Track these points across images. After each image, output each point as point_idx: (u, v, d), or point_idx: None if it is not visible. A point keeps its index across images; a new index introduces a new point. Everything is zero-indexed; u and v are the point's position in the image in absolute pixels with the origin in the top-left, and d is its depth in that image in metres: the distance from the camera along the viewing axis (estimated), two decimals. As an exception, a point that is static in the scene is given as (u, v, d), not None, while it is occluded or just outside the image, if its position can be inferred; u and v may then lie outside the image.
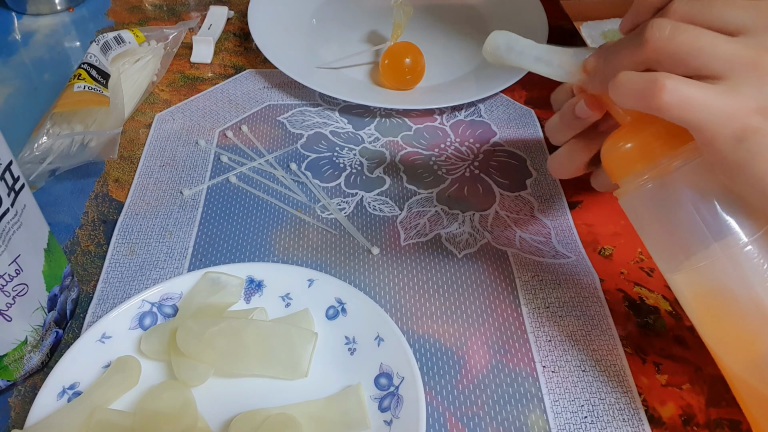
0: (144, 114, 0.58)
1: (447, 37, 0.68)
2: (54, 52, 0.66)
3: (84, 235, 0.48)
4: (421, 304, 0.44)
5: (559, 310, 0.44)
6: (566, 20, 0.73)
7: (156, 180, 0.52)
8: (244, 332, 0.38)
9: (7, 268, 0.35)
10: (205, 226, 0.49)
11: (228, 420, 0.37)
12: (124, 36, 0.60)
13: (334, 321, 0.41)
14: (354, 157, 0.55)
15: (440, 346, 0.42)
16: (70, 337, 0.42)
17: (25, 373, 0.39)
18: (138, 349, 0.39)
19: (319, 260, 0.47)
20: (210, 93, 0.61)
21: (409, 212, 0.50)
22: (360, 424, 0.36)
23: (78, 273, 0.45)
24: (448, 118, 0.59)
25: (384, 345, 0.39)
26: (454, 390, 0.40)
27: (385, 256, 0.47)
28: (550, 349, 0.42)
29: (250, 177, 0.53)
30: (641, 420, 0.38)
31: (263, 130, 0.57)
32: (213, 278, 0.41)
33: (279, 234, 0.48)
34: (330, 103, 0.60)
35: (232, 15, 0.71)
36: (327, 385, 0.38)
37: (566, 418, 0.38)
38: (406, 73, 0.59)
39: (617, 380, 0.40)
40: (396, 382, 0.37)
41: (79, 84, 0.53)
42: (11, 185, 0.35)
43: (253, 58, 0.65)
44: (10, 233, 0.35)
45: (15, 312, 0.37)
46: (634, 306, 0.44)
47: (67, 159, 0.51)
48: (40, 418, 0.35)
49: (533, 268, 0.46)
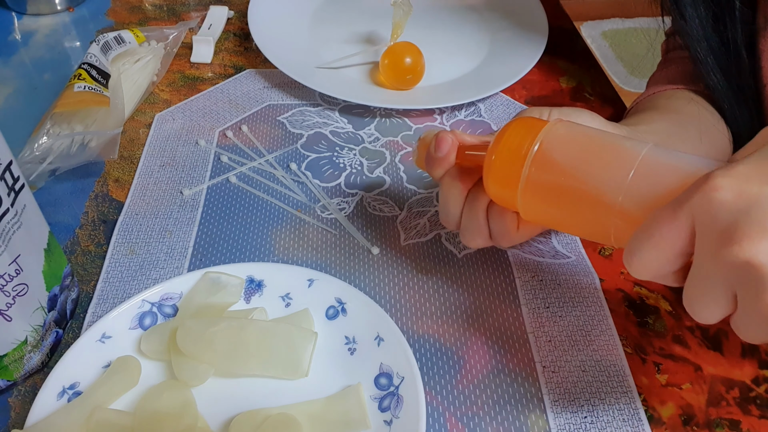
0: (144, 114, 0.58)
1: (447, 37, 0.68)
2: (54, 52, 0.66)
3: (84, 235, 0.48)
4: (421, 304, 0.44)
5: (559, 310, 0.44)
6: (566, 20, 0.73)
7: (156, 180, 0.52)
8: (245, 332, 0.38)
9: (7, 268, 0.35)
10: (205, 226, 0.49)
11: (228, 420, 0.37)
12: (124, 36, 0.60)
13: (334, 321, 0.41)
14: (354, 157, 0.55)
15: (440, 346, 0.42)
16: (70, 337, 0.42)
17: (25, 373, 0.39)
18: (138, 349, 0.39)
19: (319, 260, 0.47)
20: (210, 93, 0.61)
21: (409, 212, 0.50)
22: (360, 424, 0.36)
23: (78, 273, 0.45)
24: (448, 118, 0.59)
25: (384, 345, 0.39)
26: (454, 390, 0.40)
27: (385, 256, 0.47)
28: (550, 349, 0.42)
29: (250, 177, 0.53)
30: (641, 420, 0.38)
31: (263, 130, 0.57)
32: (213, 278, 0.41)
33: (279, 234, 0.48)
34: (330, 103, 0.60)
35: (232, 15, 0.71)
36: (327, 385, 0.38)
37: (566, 418, 0.38)
38: (406, 72, 0.59)
39: (617, 380, 0.40)
40: (396, 382, 0.37)
41: (80, 84, 0.53)
42: (11, 185, 0.35)
43: (253, 58, 0.65)
44: (10, 233, 0.35)
45: (15, 312, 0.37)
46: (634, 306, 0.44)
47: (67, 159, 0.51)
48: (40, 418, 0.35)
49: (533, 268, 0.46)
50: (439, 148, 0.38)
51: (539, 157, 0.34)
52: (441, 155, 0.38)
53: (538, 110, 0.40)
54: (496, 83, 0.60)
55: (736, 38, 0.47)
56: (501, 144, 0.35)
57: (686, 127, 0.47)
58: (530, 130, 0.35)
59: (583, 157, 0.34)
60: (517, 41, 0.66)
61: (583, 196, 0.33)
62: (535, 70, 0.62)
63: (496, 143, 0.36)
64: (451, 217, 0.40)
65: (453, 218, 0.40)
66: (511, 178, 0.35)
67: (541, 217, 0.37)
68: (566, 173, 0.34)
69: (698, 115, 0.48)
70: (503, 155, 0.35)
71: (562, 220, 0.36)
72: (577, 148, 0.34)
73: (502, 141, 0.35)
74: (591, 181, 0.33)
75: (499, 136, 0.36)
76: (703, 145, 0.47)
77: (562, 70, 0.65)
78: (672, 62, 0.56)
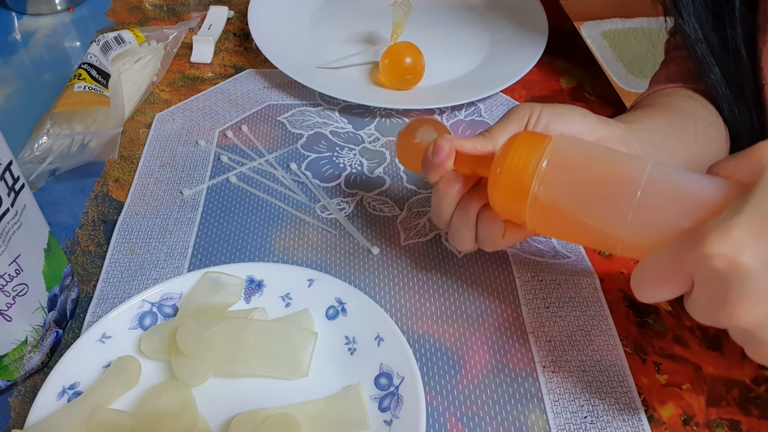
0: (144, 114, 0.58)
1: (447, 37, 0.68)
2: (54, 52, 0.66)
3: (84, 235, 0.48)
4: (421, 304, 0.44)
5: (559, 310, 0.44)
6: (566, 20, 0.73)
7: (156, 180, 0.52)
8: (244, 332, 0.38)
9: (7, 268, 0.35)
10: (205, 226, 0.49)
11: (228, 420, 0.37)
12: (124, 36, 0.60)
13: (334, 321, 0.41)
14: (354, 157, 0.55)
15: (440, 346, 0.42)
16: (70, 337, 0.42)
17: (25, 373, 0.39)
18: (138, 349, 0.39)
19: (319, 260, 0.47)
20: (210, 93, 0.61)
21: (409, 212, 0.50)
22: (360, 424, 0.36)
23: (78, 273, 0.45)
24: (448, 118, 0.59)
25: (384, 345, 0.39)
26: (454, 390, 0.40)
27: (385, 256, 0.47)
28: (550, 349, 0.42)
29: (250, 177, 0.53)
30: (641, 420, 0.38)
31: (263, 130, 0.57)
32: (213, 278, 0.41)
33: (279, 234, 0.48)
34: (330, 103, 0.60)
35: (232, 15, 0.71)
36: (327, 385, 0.38)
37: (566, 418, 0.38)
38: (406, 72, 0.59)
39: (617, 380, 0.40)
40: (396, 382, 0.37)
41: (80, 84, 0.53)
42: (11, 185, 0.35)
43: (253, 58, 0.65)
44: (10, 233, 0.35)
45: (15, 312, 0.37)
46: (634, 306, 0.44)
47: (67, 159, 0.51)
48: (40, 418, 0.35)
49: (533, 268, 0.46)
50: (437, 155, 0.39)
51: (544, 179, 0.35)
52: (438, 161, 0.39)
53: (529, 106, 0.40)
54: (496, 83, 0.60)
55: (736, 38, 0.47)
56: (507, 161, 0.36)
57: (682, 125, 0.47)
58: (535, 146, 0.36)
59: (582, 192, 0.35)
60: (517, 41, 0.66)
61: (586, 226, 0.35)
62: (535, 70, 0.62)
63: (502, 158, 0.36)
64: (442, 218, 0.41)
65: (444, 220, 0.41)
66: (517, 194, 0.36)
67: (546, 231, 0.38)
68: (569, 201, 0.35)
69: (695, 113, 0.48)
70: (510, 173, 0.36)
71: (568, 235, 0.37)
72: (577, 178, 0.35)
73: (509, 157, 0.36)
74: (592, 217, 0.34)
75: (504, 153, 0.36)
76: (698, 144, 0.47)
77: (562, 70, 0.65)
78: (673, 61, 0.56)
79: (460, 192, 0.40)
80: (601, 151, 0.36)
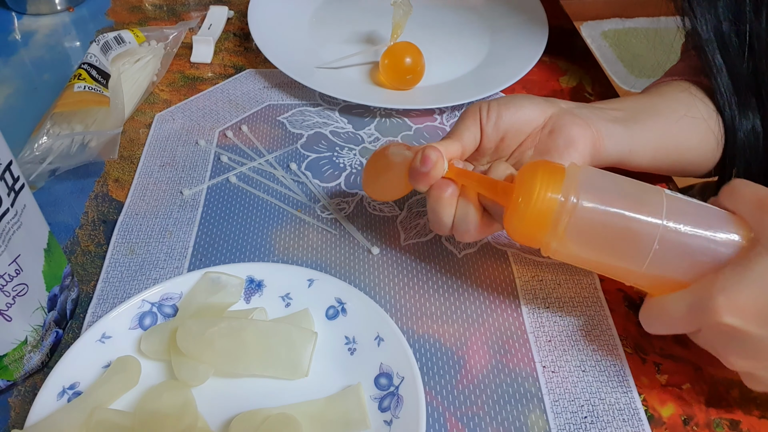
0: (144, 114, 0.58)
1: (447, 37, 0.68)
2: (54, 52, 0.66)
3: (84, 235, 0.48)
4: (421, 304, 0.44)
5: (559, 310, 0.44)
6: (566, 20, 0.73)
7: (156, 180, 0.52)
8: (244, 332, 0.38)
9: (7, 268, 0.35)
10: (205, 226, 0.49)
11: (228, 420, 0.37)
12: (124, 36, 0.60)
13: (334, 321, 0.41)
14: (354, 157, 0.55)
15: (440, 346, 0.42)
16: (70, 337, 0.42)
17: (25, 373, 0.39)
18: (138, 349, 0.39)
19: (319, 260, 0.47)
20: (210, 93, 0.61)
21: (409, 212, 0.50)
22: (360, 424, 0.36)
23: (78, 273, 0.45)
24: (448, 118, 0.59)
25: (384, 345, 0.39)
26: (454, 390, 0.40)
27: (385, 256, 0.47)
28: (550, 349, 0.42)
29: (250, 177, 0.53)
30: (641, 420, 0.38)
31: (263, 130, 0.57)
32: (213, 278, 0.41)
33: (279, 234, 0.48)
34: (330, 103, 0.60)
35: (232, 15, 0.71)
36: (327, 385, 0.38)
37: (566, 418, 0.38)
38: (406, 72, 0.59)
39: (617, 380, 0.40)
40: (396, 382, 0.37)
41: (80, 84, 0.53)
42: (11, 185, 0.35)
43: (253, 58, 0.65)
44: (10, 233, 0.35)
45: (15, 312, 0.37)
46: (634, 306, 0.44)
47: (67, 159, 0.51)
48: (40, 418, 0.35)
49: (533, 268, 0.46)
50: (424, 164, 0.39)
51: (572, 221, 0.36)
52: (425, 170, 0.39)
53: (478, 104, 0.42)
54: (496, 83, 0.60)
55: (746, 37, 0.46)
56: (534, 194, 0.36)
57: (663, 106, 0.47)
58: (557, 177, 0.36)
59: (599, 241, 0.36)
60: (517, 41, 0.66)
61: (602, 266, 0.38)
62: (535, 70, 0.62)
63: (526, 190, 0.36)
64: (443, 225, 0.41)
65: (445, 227, 0.41)
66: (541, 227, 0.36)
67: (562, 258, 0.38)
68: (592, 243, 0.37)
69: (687, 103, 0.48)
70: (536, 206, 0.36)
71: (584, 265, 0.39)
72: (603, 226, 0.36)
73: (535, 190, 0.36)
74: (609, 262, 0.37)
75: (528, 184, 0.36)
76: (679, 127, 0.47)
77: (562, 70, 0.65)
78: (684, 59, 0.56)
79: (455, 196, 0.40)
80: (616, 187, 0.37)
